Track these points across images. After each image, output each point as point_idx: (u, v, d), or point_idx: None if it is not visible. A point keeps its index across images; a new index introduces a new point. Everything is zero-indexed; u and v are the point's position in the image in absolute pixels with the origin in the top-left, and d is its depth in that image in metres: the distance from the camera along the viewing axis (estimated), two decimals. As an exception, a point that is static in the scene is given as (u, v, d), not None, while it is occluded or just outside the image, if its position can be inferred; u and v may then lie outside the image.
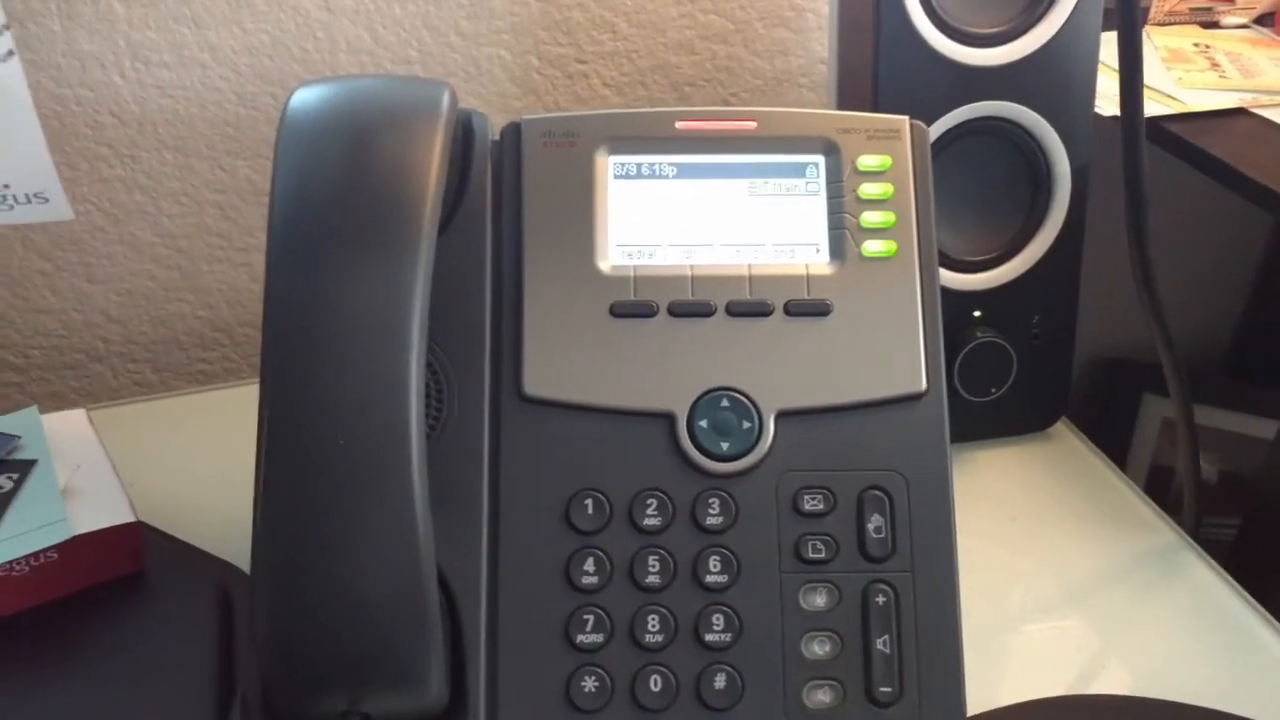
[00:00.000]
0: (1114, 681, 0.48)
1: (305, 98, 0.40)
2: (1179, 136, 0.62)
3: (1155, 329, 0.54)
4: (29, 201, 0.39)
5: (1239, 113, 0.66)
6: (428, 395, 0.42)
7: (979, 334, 0.58)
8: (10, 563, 0.46)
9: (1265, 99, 0.66)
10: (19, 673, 0.46)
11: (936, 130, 0.56)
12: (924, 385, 0.44)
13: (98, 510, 0.49)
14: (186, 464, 0.59)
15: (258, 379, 0.37)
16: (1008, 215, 0.59)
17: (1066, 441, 0.63)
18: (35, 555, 0.47)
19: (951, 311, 0.58)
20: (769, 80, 0.74)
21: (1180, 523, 0.58)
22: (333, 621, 0.36)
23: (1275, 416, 0.90)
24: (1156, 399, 1.02)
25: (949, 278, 0.58)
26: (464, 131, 0.44)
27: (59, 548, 0.47)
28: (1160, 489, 1.02)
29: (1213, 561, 0.55)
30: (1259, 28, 0.79)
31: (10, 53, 0.36)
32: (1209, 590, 0.53)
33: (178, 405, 0.66)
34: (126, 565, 0.50)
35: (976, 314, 0.59)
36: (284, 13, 0.64)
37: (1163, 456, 1.02)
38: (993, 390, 0.59)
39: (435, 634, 0.38)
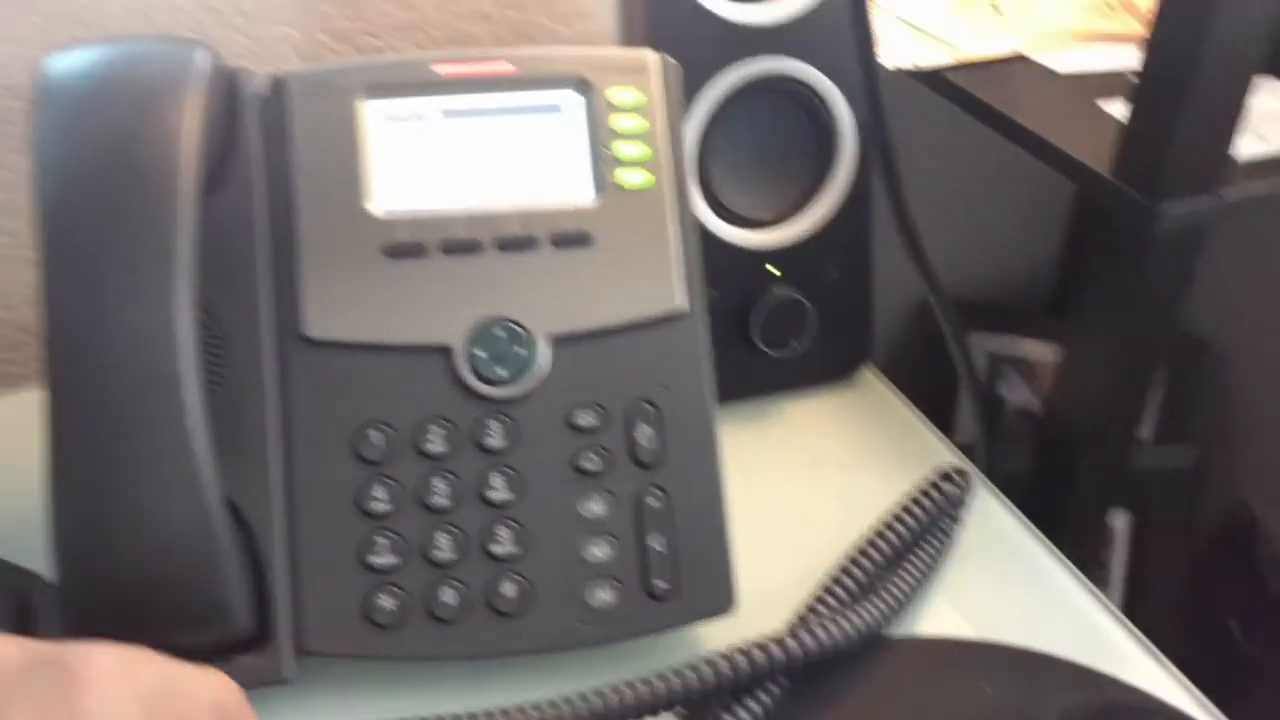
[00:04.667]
0: (917, 617, 0.50)
1: (61, 63, 0.42)
2: (957, 85, 0.63)
3: (927, 284, 0.56)
4: None
5: (1017, 60, 0.67)
6: (211, 345, 0.43)
7: (775, 290, 0.59)
8: None
9: (1040, 43, 0.68)
10: None
11: (719, 88, 0.56)
12: (683, 305, 0.47)
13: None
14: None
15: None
16: (797, 172, 0.60)
17: (872, 388, 0.65)
18: None
19: (747, 269, 0.60)
20: (570, 45, 0.74)
21: (977, 458, 0.60)
22: (126, 560, 0.39)
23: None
24: (981, 335, 1.05)
25: (743, 236, 0.59)
26: (231, 88, 0.46)
27: None
28: (990, 422, 1.06)
29: (1001, 495, 0.57)
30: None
31: None
32: (999, 524, 0.56)
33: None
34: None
35: (772, 270, 0.60)
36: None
37: (990, 390, 1.05)
38: (793, 343, 0.60)
39: (229, 567, 0.41)
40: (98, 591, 0.40)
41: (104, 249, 0.40)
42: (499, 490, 0.45)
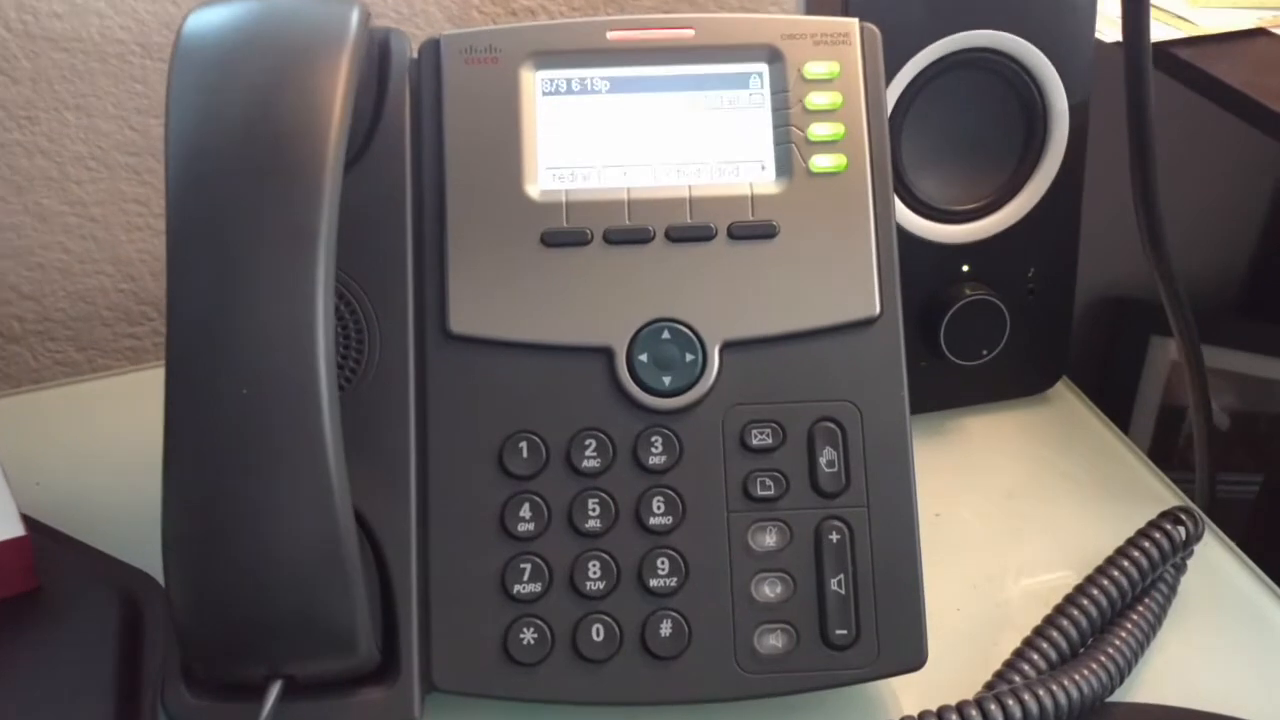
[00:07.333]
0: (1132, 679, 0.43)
1: (201, 20, 0.37)
2: (1189, 63, 0.55)
3: (1164, 292, 0.49)
4: None
5: (1257, 34, 0.59)
6: (347, 337, 0.40)
7: (968, 291, 0.53)
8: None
9: (1284, 17, 0.60)
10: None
11: (918, 64, 0.50)
12: (877, 309, 0.41)
13: (-19, 524, 0.44)
14: (113, 451, 0.54)
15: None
16: (998, 158, 0.53)
17: (1067, 404, 0.58)
18: (-94, 580, 0.42)
19: (938, 267, 0.53)
20: (735, 8, 0.68)
21: (1192, 491, 0.53)
22: (245, 579, 0.35)
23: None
24: (1164, 340, 0.97)
25: (934, 230, 0.53)
26: (380, 51, 0.41)
27: (-65, 569, 0.43)
28: (1170, 434, 0.97)
29: (1229, 540, 0.50)
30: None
31: None
32: (1225, 572, 0.48)
33: (108, 386, 0.60)
34: (19, 583, 0.45)
35: (965, 269, 0.53)
36: (188, -48, 0.58)
37: (1172, 399, 0.97)
38: (984, 353, 0.53)
39: (356, 589, 0.36)
40: (211, 612, 0.36)
41: (236, 224, 0.35)
42: (658, 515, 0.40)
